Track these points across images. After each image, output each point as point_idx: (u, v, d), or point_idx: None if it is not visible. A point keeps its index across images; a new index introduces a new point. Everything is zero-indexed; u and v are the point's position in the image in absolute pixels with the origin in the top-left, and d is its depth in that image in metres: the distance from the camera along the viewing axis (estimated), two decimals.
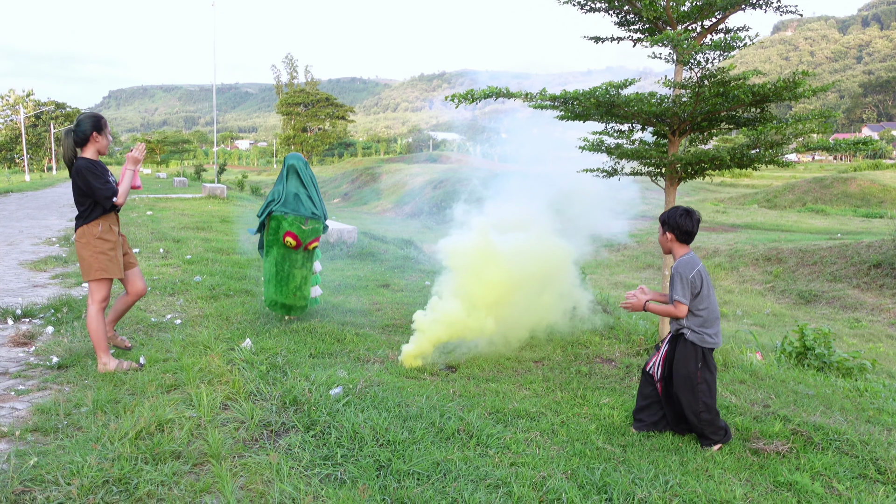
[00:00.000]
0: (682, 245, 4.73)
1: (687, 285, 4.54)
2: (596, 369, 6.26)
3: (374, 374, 5.67)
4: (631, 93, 6.51)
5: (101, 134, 5.67)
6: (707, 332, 4.59)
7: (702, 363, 4.60)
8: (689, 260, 4.63)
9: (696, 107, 6.51)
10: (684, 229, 4.70)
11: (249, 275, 10.57)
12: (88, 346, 6.23)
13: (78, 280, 9.63)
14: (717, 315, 4.67)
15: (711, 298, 4.64)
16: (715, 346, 4.64)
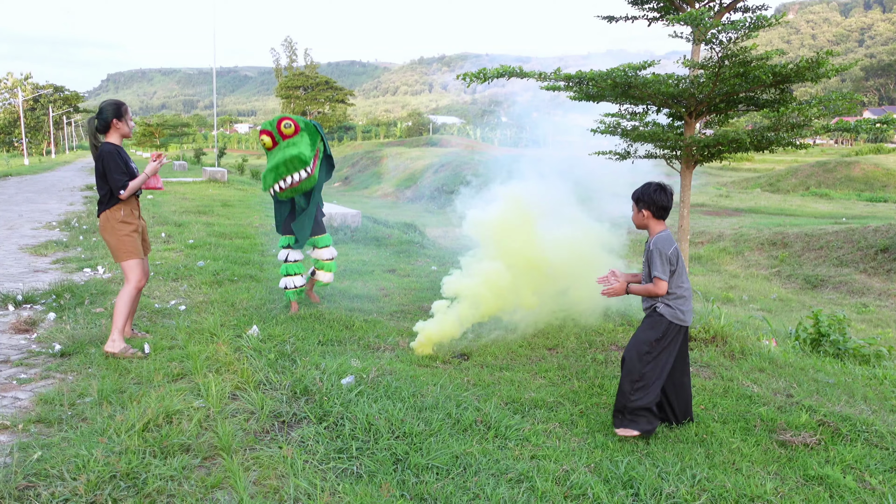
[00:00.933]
0: (658, 221, 4.54)
1: (666, 261, 4.39)
2: (612, 357, 6.11)
3: (386, 363, 5.52)
4: (648, 74, 6.33)
5: (121, 120, 5.77)
6: (680, 308, 4.44)
7: (662, 336, 4.44)
8: (667, 236, 4.47)
9: (715, 88, 6.34)
10: (660, 205, 4.50)
11: (253, 259, 10.41)
12: (91, 334, 6.08)
13: (79, 266, 9.46)
14: (690, 294, 4.52)
15: (686, 276, 4.51)
16: (685, 323, 4.47)
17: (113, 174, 5.59)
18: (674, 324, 4.46)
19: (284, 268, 7.30)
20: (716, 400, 5.11)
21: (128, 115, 5.82)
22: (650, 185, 4.55)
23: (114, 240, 5.73)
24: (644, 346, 4.44)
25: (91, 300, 7.38)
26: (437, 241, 15.35)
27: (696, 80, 6.29)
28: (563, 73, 6.45)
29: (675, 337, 4.48)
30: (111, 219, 5.71)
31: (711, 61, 6.05)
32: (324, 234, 7.56)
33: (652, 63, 6.13)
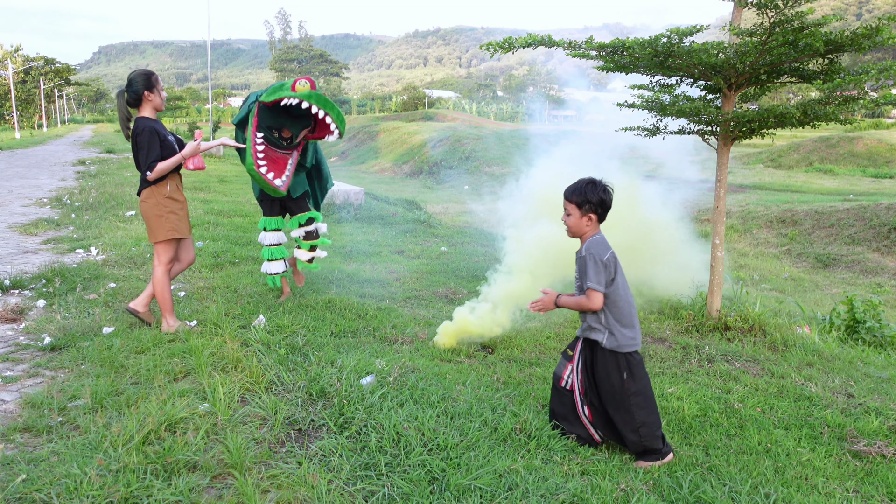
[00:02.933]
0: (596, 224, 3.85)
1: (601, 269, 3.70)
2: (650, 350, 5.65)
3: (407, 358, 5.05)
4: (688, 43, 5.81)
5: (152, 92, 5.43)
6: (624, 332, 3.77)
7: (626, 372, 3.78)
8: (602, 240, 3.80)
9: (759, 58, 5.83)
10: (609, 206, 3.81)
11: (253, 240, 9.91)
12: (84, 325, 5.60)
13: (71, 246, 8.95)
14: (633, 309, 3.84)
15: (627, 288, 3.83)
16: (635, 348, 3.81)
17: (142, 154, 5.28)
18: (627, 354, 3.80)
19: (263, 252, 6.65)
20: (772, 401, 4.66)
21: (159, 86, 5.45)
22: (593, 183, 3.81)
23: (155, 215, 5.44)
24: (622, 396, 3.79)
25: (83, 286, 6.88)
26: (441, 220, 14.84)
27: (740, 49, 5.78)
28: (595, 41, 5.93)
29: (633, 361, 3.81)
30: (156, 194, 5.41)
31: (762, 27, 5.52)
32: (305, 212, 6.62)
33: (700, 28, 5.61)
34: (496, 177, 36.47)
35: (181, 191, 5.64)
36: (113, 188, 14.93)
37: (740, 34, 5.66)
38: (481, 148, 42.21)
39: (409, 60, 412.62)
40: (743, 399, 4.66)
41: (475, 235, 11.81)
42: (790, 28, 5.41)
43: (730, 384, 4.96)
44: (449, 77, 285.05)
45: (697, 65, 5.93)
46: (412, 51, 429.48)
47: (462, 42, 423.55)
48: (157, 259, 5.57)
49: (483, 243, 11.24)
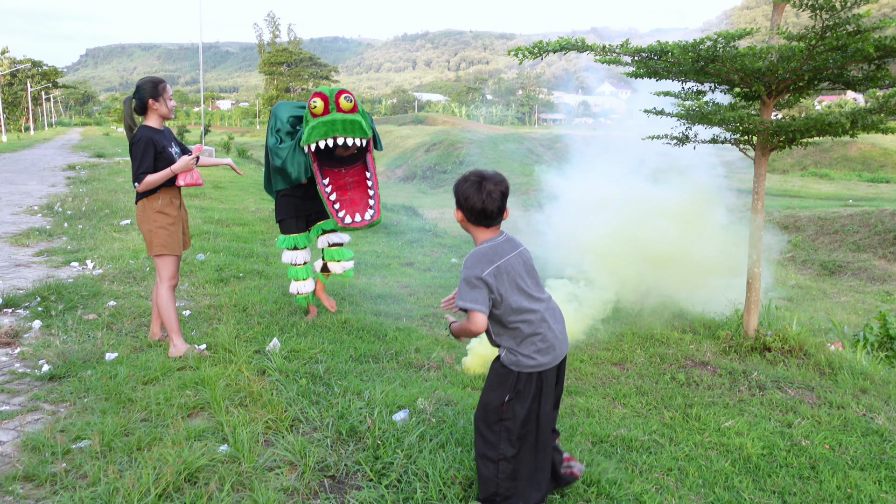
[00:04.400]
0: (480, 228, 3.16)
1: (474, 287, 3.00)
2: (693, 376, 5.28)
3: (439, 388, 4.66)
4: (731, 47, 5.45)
5: (158, 100, 5.20)
6: (522, 353, 3.09)
7: (512, 394, 3.10)
8: (482, 252, 3.07)
9: (804, 63, 5.48)
10: (471, 206, 3.08)
11: (256, 251, 9.51)
12: (85, 350, 5.18)
13: (66, 259, 8.51)
14: (542, 325, 3.11)
15: (533, 299, 3.12)
16: (537, 368, 3.10)
17: (134, 164, 5.07)
18: (523, 374, 3.11)
19: (293, 271, 6.28)
20: (838, 436, 4.30)
21: (166, 94, 5.20)
22: (468, 177, 3.17)
23: (147, 229, 5.21)
24: (495, 414, 3.14)
25: (82, 304, 6.46)
26: (447, 229, 14.45)
27: (785, 54, 5.43)
28: (631, 46, 5.57)
29: (528, 384, 3.12)
30: (147, 208, 5.18)
31: (813, 31, 5.17)
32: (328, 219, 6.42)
33: (750, 31, 5.25)
34: None
35: (176, 206, 5.32)
36: (106, 195, 14.48)
37: (790, 38, 5.31)
38: (476, 152, 41.94)
39: (397, 63, 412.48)
40: (808, 434, 4.30)
41: None
42: (844, 32, 5.06)
43: (789, 416, 4.59)
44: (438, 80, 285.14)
45: (739, 70, 5.58)
46: (401, 54, 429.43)
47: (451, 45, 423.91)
48: (158, 275, 5.30)
49: None
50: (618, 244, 7.41)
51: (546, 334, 3.11)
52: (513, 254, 3.13)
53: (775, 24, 5.96)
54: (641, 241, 7.36)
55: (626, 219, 7.81)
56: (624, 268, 7.20)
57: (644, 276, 7.17)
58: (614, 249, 7.37)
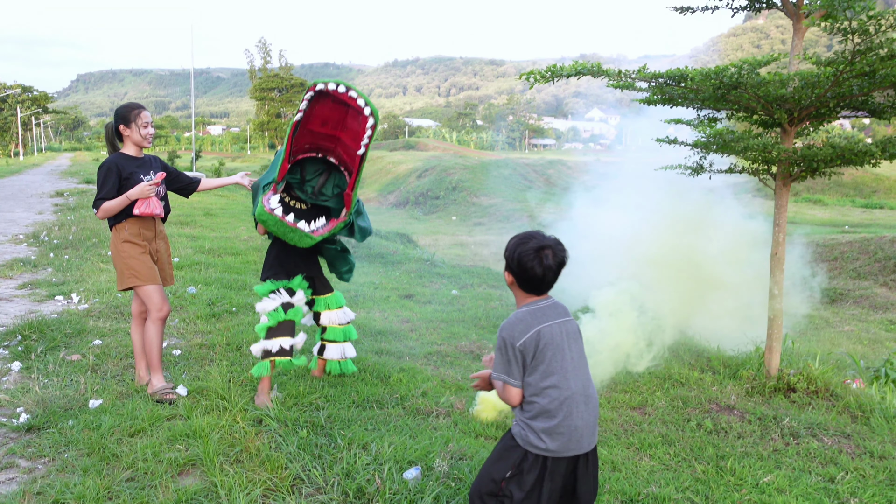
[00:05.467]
0: (526, 295, 2.89)
1: (510, 358, 2.75)
2: (721, 423, 4.94)
3: (451, 439, 4.31)
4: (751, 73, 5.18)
5: (129, 127, 4.99)
6: (535, 430, 2.74)
7: (514, 471, 2.78)
8: (520, 318, 2.81)
9: (829, 90, 5.22)
10: (528, 275, 2.81)
11: (249, 282, 9.14)
12: (67, 397, 4.81)
13: (50, 292, 8.13)
14: (563, 407, 2.73)
15: (561, 376, 2.75)
16: (544, 452, 2.73)
17: (98, 188, 4.87)
18: (530, 454, 2.77)
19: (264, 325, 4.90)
20: (887, 493, 3.96)
21: (139, 121, 4.96)
22: (525, 238, 2.86)
23: (117, 260, 4.97)
24: (489, 486, 2.84)
25: (65, 343, 6.08)
26: (444, 258, 14.14)
27: (810, 80, 5.16)
28: (650, 71, 5.30)
29: (532, 469, 2.76)
30: (115, 238, 4.97)
31: (843, 56, 4.91)
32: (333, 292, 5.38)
33: (776, 58, 4.99)
34: (484, 207, 35.97)
35: (148, 236, 5.02)
36: (94, 223, 14.10)
37: (818, 63, 5.04)
38: (469, 178, 41.72)
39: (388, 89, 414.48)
40: (854, 491, 3.97)
41: (483, 276, 11.12)
42: (875, 57, 4.79)
43: (830, 469, 4.26)
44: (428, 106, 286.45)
45: (762, 97, 5.31)
46: (391, 80, 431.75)
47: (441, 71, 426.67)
48: (148, 308, 4.97)
49: (494, 284, 10.54)
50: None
51: (562, 419, 2.73)
52: (556, 321, 2.81)
53: (797, 49, 5.72)
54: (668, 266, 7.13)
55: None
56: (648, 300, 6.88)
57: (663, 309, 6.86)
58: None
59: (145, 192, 4.83)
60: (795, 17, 5.71)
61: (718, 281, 7.47)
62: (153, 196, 4.92)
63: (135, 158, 4.99)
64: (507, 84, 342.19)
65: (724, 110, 6.06)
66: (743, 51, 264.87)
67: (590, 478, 2.84)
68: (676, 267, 7.36)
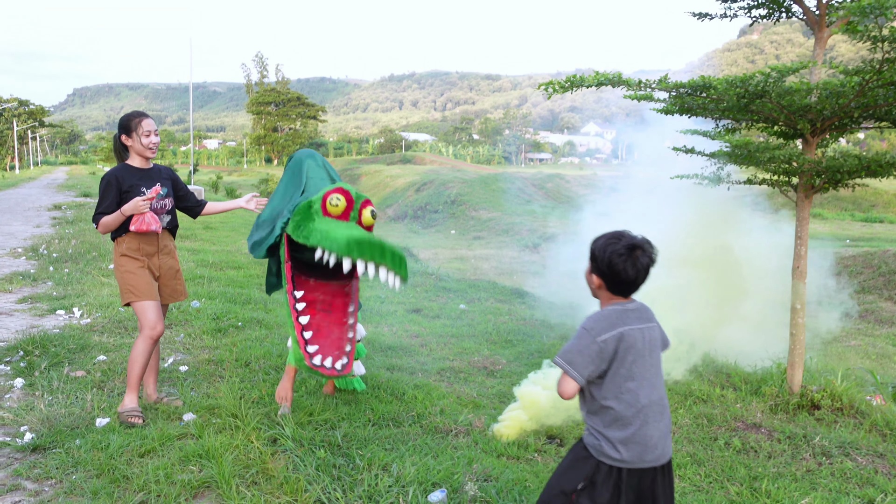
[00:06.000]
0: (612, 296, 2.73)
1: (585, 347, 2.58)
2: (749, 441, 4.79)
3: (474, 459, 4.15)
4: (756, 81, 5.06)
5: (130, 137, 4.77)
6: (609, 439, 2.61)
7: (586, 483, 2.63)
8: (608, 315, 2.66)
9: (853, 99, 5.11)
10: (619, 278, 2.67)
11: (254, 297, 8.98)
12: (72, 414, 4.64)
13: (51, 307, 7.96)
14: (639, 415, 2.61)
15: (638, 383, 2.62)
16: (618, 463, 2.60)
17: (97, 204, 4.72)
18: (604, 464, 2.63)
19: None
20: None
21: (141, 130, 4.75)
22: (616, 238, 2.69)
23: (117, 275, 4.80)
24: (559, 498, 2.68)
25: (69, 359, 5.92)
26: (448, 272, 13.99)
27: (835, 90, 5.05)
28: (671, 81, 5.19)
29: (606, 478, 2.61)
30: (115, 251, 4.80)
31: (871, 64, 4.80)
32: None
33: (805, 65, 4.87)
34: (483, 221, 35.87)
35: (147, 251, 4.79)
36: (93, 236, 13.93)
37: (846, 72, 4.93)
38: (467, 192, 41.63)
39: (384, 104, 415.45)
40: None
41: (490, 290, 10.98)
42: None
43: (868, 490, 4.11)
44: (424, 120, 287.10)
45: (786, 107, 5.20)
46: (387, 94, 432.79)
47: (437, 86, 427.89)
48: (139, 324, 4.76)
49: (501, 299, 10.40)
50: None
51: (638, 428, 2.60)
52: (639, 326, 2.67)
53: (819, 57, 5.61)
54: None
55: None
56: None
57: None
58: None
59: (138, 207, 4.59)
60: (817, 26, 5.61)
61: (736, 294, 7.34)
62: (147, 212, 4.66)
63: (138, 170, 4.80)
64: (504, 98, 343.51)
65: (744, 121, 5.94)
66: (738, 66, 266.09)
67: (668, 492, 2.70)
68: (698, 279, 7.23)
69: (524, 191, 43.75)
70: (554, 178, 48.89)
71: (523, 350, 7.19)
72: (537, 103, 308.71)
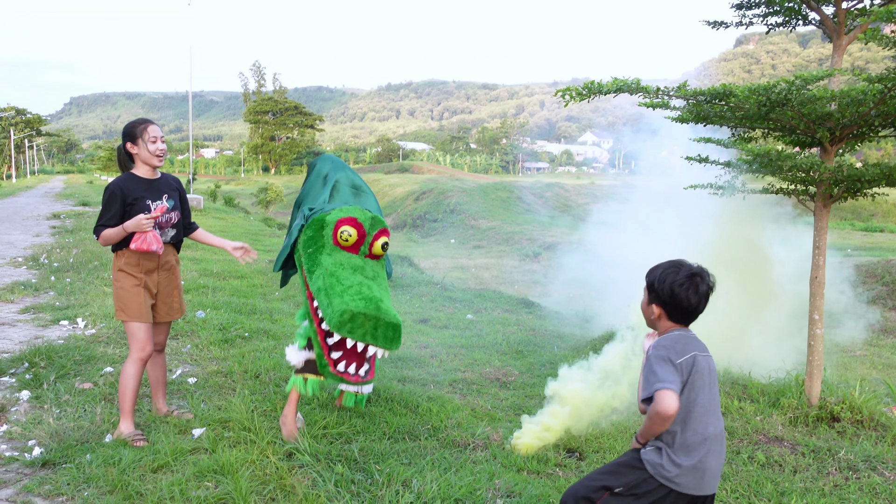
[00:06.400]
0: (672, 325, 2.75)
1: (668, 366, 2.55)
2: (773, 455, 4.70)
3: (496, 473, 4.05)
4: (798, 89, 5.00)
5: (136, 144, 4.53)
6: (676, 462, 2.58)
7: (624, 490, 2.64)
8: (677, 339, 2.66)
9: (876, 107, 5.04)
10: (682, 307, 2.69)
11: (259, 306, 8.87)
12: (82, 428, 4.54)
13: (55, 317, 7.85)
14: (705, 444, 2.60)
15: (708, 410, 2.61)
16: (670, 484, 2.59)
17: (100, 215, 4.49)
18: (652, 481, 2.62)
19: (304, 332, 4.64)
20: None
21: (147, 136, 4.51)
22: (675, 268, 2.72)
23: (113, 288, 4.58)
24: (588, 492, 2.71)
25: (75, 371, 5.81)
26: (453, 282, 13.89)
27: (856, 98, 4.98)
28: (690, 88, 5.12)
29: (650, 497, 2.62)
30: (114, 263, 4.58)
31: (894, 71, 4.73)
32: None
33: (832, 73, 4.81)
34: (483, 230, 35.80)
35: (146, 268, 4.55)
36: (94, 246, 13.81)
37: (869, 80, 4.86)
38: (466, 201, 41.54)
39: (381, 113, 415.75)
40: None
41: (496, 299, 10.89)
42: None
43: None
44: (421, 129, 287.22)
45: (805, 115, 5.13)
46: (385, 103, 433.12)
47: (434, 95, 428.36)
48: (129, 343, 4.55)
49: (508, 309, 10.31)
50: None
51: (702, 457, 2.59)
52: (703, 353, 2.66)
53: (837, 65, 5.55)
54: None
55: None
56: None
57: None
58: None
59: (141, 225, 4.34)
60: (836, 33, 5.56)
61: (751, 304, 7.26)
62: (150, 230, 4.41)
63: (145, 180, 4.56)
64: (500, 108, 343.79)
65: (761, 129, 5.88)
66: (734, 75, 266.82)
67: None
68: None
69: (523, 200, 43.71)
70: (553, 187, 48.90)
71: (535, 361, 7.09)
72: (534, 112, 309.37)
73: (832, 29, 5.55)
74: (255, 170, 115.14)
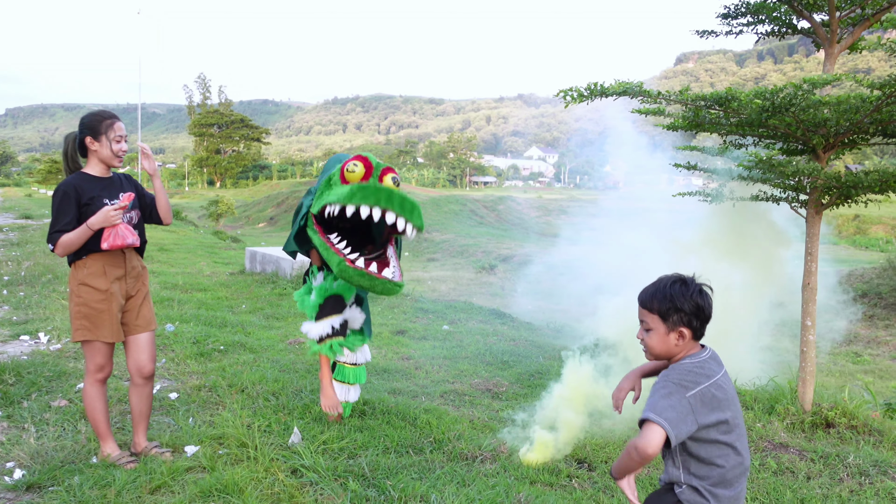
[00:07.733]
0: (693, 345, 2.50)
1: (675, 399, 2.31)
2: (783, 463, 4.64)
3: (507, 484, 3.90)
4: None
5: (98, 140, 4.02)
6: (719, 497, 2.38)
7: None
8: (690, 369, 2.40)
9: (871, 114, 5.07)
10: (706, 313, 2.47)
11: (230, 320, 8.57)
12: (66, 448, 4.25)
13: (13, 332, 7.45)
14: (744, 474, 2.45)
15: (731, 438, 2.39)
16: None
17: (53, 218, 3.94)
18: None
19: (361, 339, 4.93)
20: None
21: (111, 134, 4.04)
22: (683, 282, 2.48)
23: (70, 305, 4.04)
24: None
25: (47, 387, 5.48)
26: (422, 293, 13.68)
27: (852, 105, 5.00)
28: (691, 93, 5.08)
29: None
30: (73, 277, 4.02)
31: (893, 79, 4.75)
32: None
33: (839, 77, 4.80)
34: (436, 243, 35.66)
35: (112, 277, 4.05)
36: (45, 258, 13.26)
37: (871, 86, 4.88)
38: None
39: (327, 127, 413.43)
40: None
41: (468, 310, 10.74)
42: None
43: None
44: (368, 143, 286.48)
45: (803, 121, 5.13)
46: (331, 117, 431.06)
47: (381, 109, 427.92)
48: (86, 365, 4.14)
49: (481, 319, 10.17)
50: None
51: (739, 491, 2.42)
52: (721, 374, 2.45)
53: (830, 70, 5.58)
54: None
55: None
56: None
57: None
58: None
59: (110, 218, 3.88)
60: (828, 42, 5.59)
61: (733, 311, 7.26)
62: (121, 223, 3.97)
63: (99, 179, 4.09)
64: (447, 122, 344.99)
65: (756, 136, 5.88)
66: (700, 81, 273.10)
67: None
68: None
69: (476, 213, 43.76)
70: (505, 200, 49.08)
71: (522, 371, 6.96)
72: (480, 127, 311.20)
73: (824, 38, 5.58)
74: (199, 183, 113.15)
